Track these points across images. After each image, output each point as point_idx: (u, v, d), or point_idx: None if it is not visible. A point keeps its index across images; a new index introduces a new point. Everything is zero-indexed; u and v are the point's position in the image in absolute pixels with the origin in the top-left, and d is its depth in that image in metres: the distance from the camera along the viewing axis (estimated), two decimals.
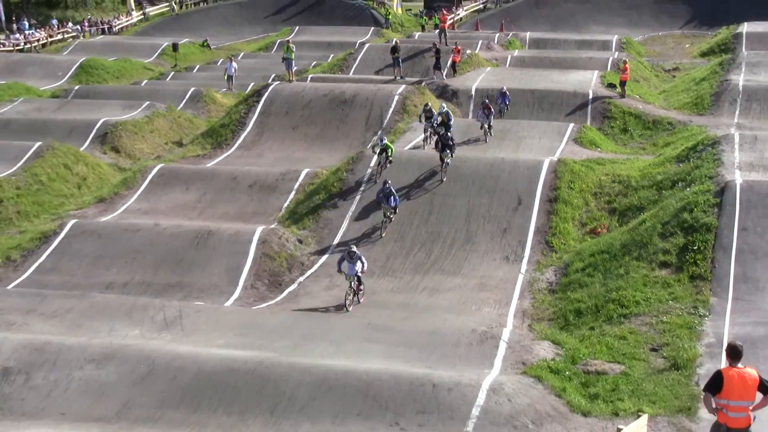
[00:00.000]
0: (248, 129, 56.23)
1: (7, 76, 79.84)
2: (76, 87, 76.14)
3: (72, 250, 37.70)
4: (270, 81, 67.50)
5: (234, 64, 78.66)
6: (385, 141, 43.41)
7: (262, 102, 57.99)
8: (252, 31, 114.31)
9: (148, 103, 65.02)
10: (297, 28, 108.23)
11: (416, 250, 37.01)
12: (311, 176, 44.36)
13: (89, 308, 30.64)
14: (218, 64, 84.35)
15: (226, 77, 76.39)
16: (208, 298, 30.95)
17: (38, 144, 51.78)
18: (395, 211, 39.03)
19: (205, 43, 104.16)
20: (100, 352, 26.50)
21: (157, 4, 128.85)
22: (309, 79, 70.13)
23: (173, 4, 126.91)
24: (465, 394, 23.50)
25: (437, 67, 67.45)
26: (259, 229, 37.49)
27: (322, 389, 24.15)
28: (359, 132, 54.93)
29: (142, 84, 79.31)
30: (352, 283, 32.41)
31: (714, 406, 16.48)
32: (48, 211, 45.75)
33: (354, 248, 33.37)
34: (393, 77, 67.00)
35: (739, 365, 16.43)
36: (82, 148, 54.37)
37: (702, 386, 19.62)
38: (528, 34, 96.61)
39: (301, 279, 34.82)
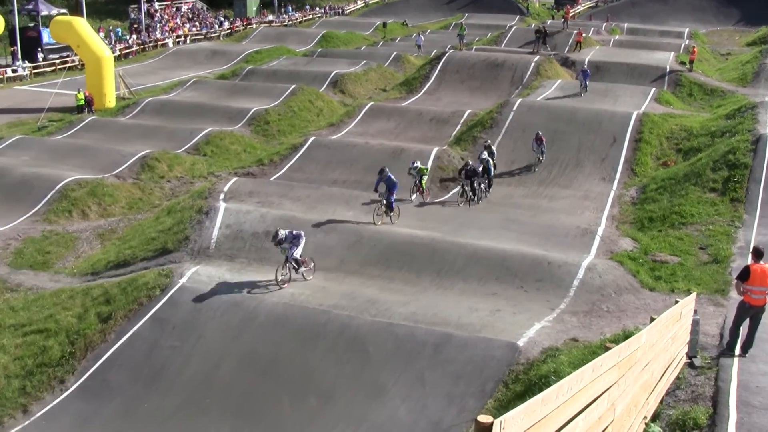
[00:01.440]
0: (431, 81, 55.89)
1: (276, 42, 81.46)
2: (319, 50, 76.87)
3: (311, 157, 38.23)
4: (447, 49, 66.87)
5: (422, 36, 79.06)
6: (418, 164, 32.31)
7: (441, 63, 57.51)
8: (436, 15, 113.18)
9: (365, 61, 65.46)
10: (467, 14, 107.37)
11: (541, 169, 36.60)
12: (472, 115, 43.97)
13: (321, 196, 31.10)
14: (412, 36, 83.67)
15: (416, 46, 76.36)
16: (397, 193, 30.98)
17: (293, 86, 53.00)
18: (389, 207, 28.55)
19: (405, 23, 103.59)
20: (327, 225, 26.94)
21: None
22: (474, 49, 69.75)
23: None
24: (569, 270, 23.61)
25: (544, 42, 67.67)
26: (435, 149, 37.37)
27: (472, 260, 24.40)
28: (506, 86, 54.10)
29: (362, 49, 79.35)
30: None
31: (741, 290, 16.51)
32: (297, 131, 46.52)
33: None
34: (532, 50, 65.89)
35: (761, 262, 16.43)
36: (320, 90, 55.10)
37: (734, 276, 19.75)
38: (626, 25, 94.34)
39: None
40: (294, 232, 23.38)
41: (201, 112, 49.03)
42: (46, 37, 68.32)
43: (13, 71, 66.22)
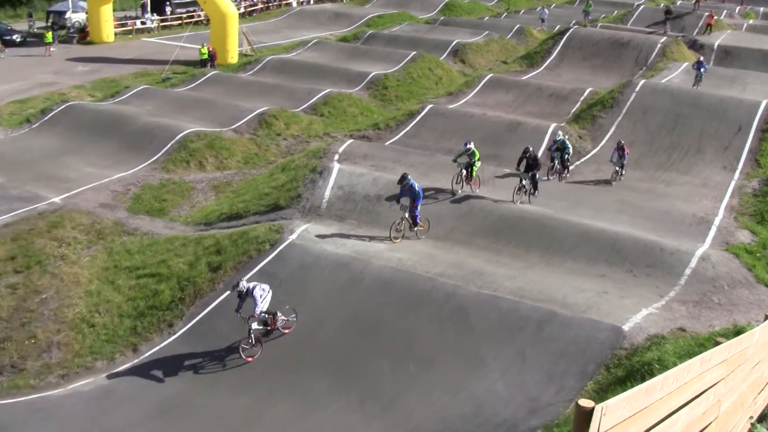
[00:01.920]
0: (552, 56, 55.09)
1: (399, 8, 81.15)
2: (441, 18, 76.47)
3: (427, 125, 38.15)
4: (571, 25, 65.69)
5: (546, 10, 77.60)
6: (471, 146, 27.60)
7: (564, 39, 56.61)
8: None
9: (487, 32, 64.75)
10: None
11: (660, 153, 35.60)
12: (592, 93, 43.10)
13: (434, 164, 31.04)
14: (536, 10, 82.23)
15: (540, 19, 75.05)
16: (511, 168, 30.56)
17: (414, 53, 52.94)
18: (413, 221, 24.50)
19: None
20: (439, 193, 26.97)
21: None
22: (599, 26, 68.24)
23: None
24: (682, 258, 23.00)
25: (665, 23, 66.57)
26: (553, 125, 36.79)
27: (583, 239, 24.04)
28: (629, 66, 52.76)
29: (485, 19, 78.48)
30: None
31: None
32: (415, 97, 46.46)
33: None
34: (662, 31, 64.33)
35: None
36: (441, 58, 54.75)
37: None
38: (761, 9, 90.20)
39: (577, 162, 34.06)
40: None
41: (320, 73, 49.50)
42: None
43: (142, 23, 68.12)
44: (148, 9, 70.02)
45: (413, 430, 17.05)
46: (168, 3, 71.46)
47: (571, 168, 32.27)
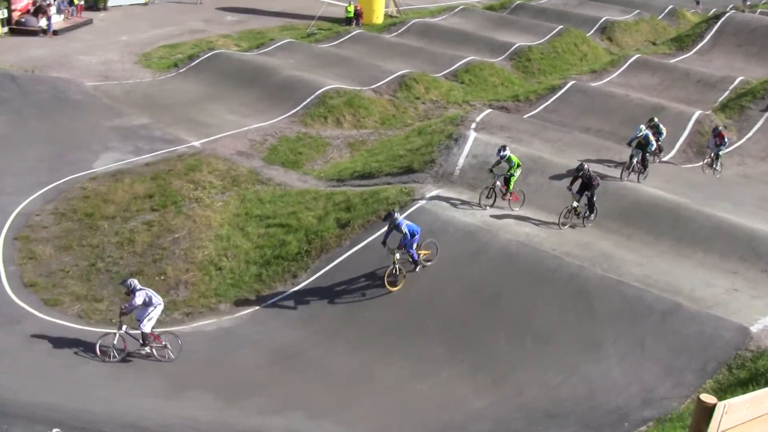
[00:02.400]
0: (705, 41, 52.96)
1: None
2: None
3: (568, 101, 37.38)
4: (728, 9, 63.06)
5: None
6: (507, 152, 23.96)
7: (718, 24, 54.29)
8: None
9: (638, 11, 63.14)
10: None
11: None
12: (743, 83, 41.27)
13: (571, 141, 30.47)
14: None
15: (695, 2, 72.25)
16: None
17: (560, 27, 52.00)
18: (413, 259, 21.16)
19: None
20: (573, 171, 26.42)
21: None
22: (758, 12, 65.36)
23: None
24: None
25: None
26: (697, 113, 35.47)
27: (716, 233, 23.11)
28: None
29: None
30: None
31: None
32: (558, 72, 45.67)
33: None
34: None
35: None
36: (587, 34, 53.57)
37: None
38: None
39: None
40: None
41: (464, 39, 49.12)
42: None
43: None
44: None
45: (523, 406, 16.84)
46: None
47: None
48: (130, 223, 24.25)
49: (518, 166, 24.04)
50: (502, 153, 23.91)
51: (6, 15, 46.01)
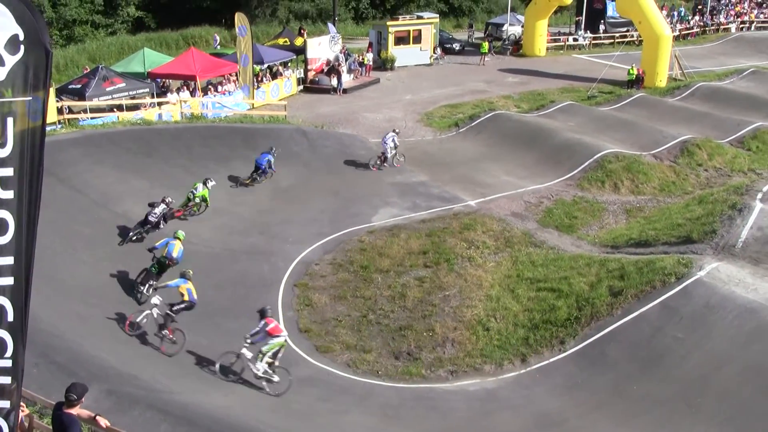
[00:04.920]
0: None
1: None
2: None
3: None
4: None
5: None
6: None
7: None
8: None
9: None
10: None
11: None
12: None
13: None
14: None
15: None
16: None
17: None
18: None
19: None
20: None
21: None
22: None
23: None
24: None
25: None
26: None
27: None
28: None
29: None
30: None
31: None
32: None
33: None
34: None
35: None
36: None
37: None
38: None
39: None
40: None
41: (754, 104, 46.55)
42: (610, 10, 69.53)
43: (574, 40, 68.74)
44: (582, 26, 70.42)
45: None
46: (603, 21, 71.30)
47: None
48: (403, 277, 24.78)
49: None
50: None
51: (302, 74, 49.17)
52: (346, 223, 28.73)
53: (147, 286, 22.17)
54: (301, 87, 49.05)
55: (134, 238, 24.89)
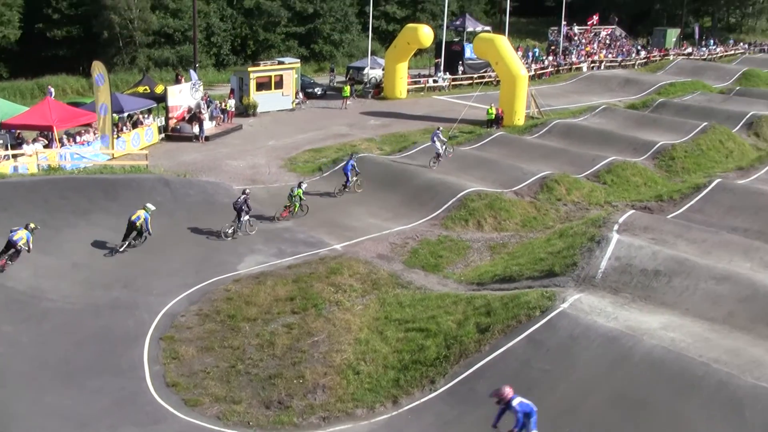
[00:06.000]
0: None
1: (692, 76, 78.97)
2: (737, 88, 73.04)
3: (713, 200, 36.17)
4: None
5: None
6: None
7: None
8: None
9: None
10: None
11: None
12: None
13: (719, 242, 29.15)
14: None
15: None
16: None
17: (705, 124, 50.85)
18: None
19: None
20: (720, 273, 25.21)
21: None
22: None
23: None
24: None
25: None
26: None
27: None
28: None
29: None
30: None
31: None
32: (702, 170, 44.41)
33: None
34: None
35: None
36: (733, 131, 52.14)
37: None
38: None
39: None
40: None
41: (606, 139, 48.56)
42: (468, 51, 71.54)
43: (434, 81, 70.24)
44: (441, 68, 72.05)
45: None
46: (461, 63, 73.15)
47: None
48: (271, 325, 24.55)
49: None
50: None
51: (163, 123, 48.49)
52: (212, 273, 28.28)
53: None
54: (163, 135, 48.29)
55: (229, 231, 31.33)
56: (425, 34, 62.97)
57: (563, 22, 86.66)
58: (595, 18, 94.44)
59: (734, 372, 19.47)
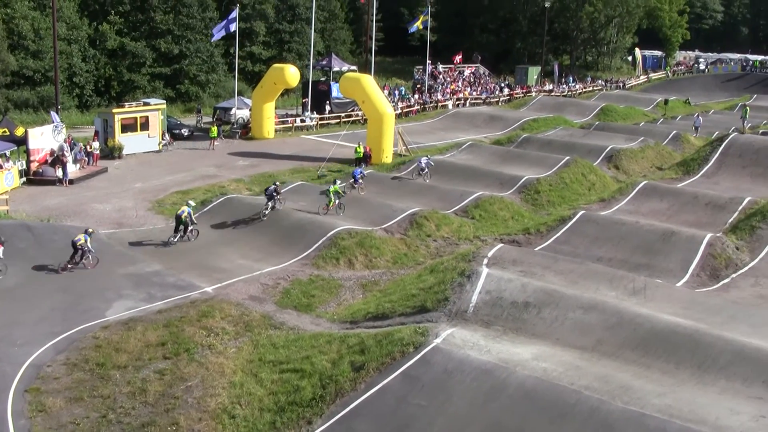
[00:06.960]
0: (710, 163, 53.73)
1: (554, 112, 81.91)
2: (597, 123, 76.12)
3: (578, 231, 37.44)
4: (730, 132, 63.90)
5: (701, 119, 75.82)
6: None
7: (722, 146, 55.20)
8: (721, 95, 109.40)
9: (642, 138, 64.13)
10: (754, 96, 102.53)
11: None
12: (752, 203, 41.52)
13: (585, 272, 30.13)
14: (694, 116, 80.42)
15: (694, 128, 73.26)
16: (664, 279, 29.62)
17: (567, 158, 52.65)
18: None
19: (687, 101, 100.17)
20: (587, 302, 26.03)
21: (654, 74, 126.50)
22: (760, 132, 66.17)
23: (668, 72, 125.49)
24: None
25: None
26: (708, 236, 35.43)
27: (738, 358, 22.45)
28: None
29: (641, 125, 77.43)
30: None
31: None
32: (567, 203, 45.93)
33: None
34: None
35: None
36: (594, 164, 54.30)
37: None
38: None
39: (733, 275, 32.55)
40: None
41: (473, 175, 49.66)
42: (335, 91, 72.13)
43: (302, 121, 70.51)
44: (309, 107, 72.40)
45: None
46: (328, 102, 73.70)
47: (726, 281, 30.70)
48: (143, 372, 23.93)
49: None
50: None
51: (24, 166, 46.95)
52: (79, 320, 27.35)
53: None
54: (24, 179, 46.77)
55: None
56: (291, 74, 63.22)
57: (428, 61, 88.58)
58: (459, 57, 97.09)
59: (604, 398, 20.09)
